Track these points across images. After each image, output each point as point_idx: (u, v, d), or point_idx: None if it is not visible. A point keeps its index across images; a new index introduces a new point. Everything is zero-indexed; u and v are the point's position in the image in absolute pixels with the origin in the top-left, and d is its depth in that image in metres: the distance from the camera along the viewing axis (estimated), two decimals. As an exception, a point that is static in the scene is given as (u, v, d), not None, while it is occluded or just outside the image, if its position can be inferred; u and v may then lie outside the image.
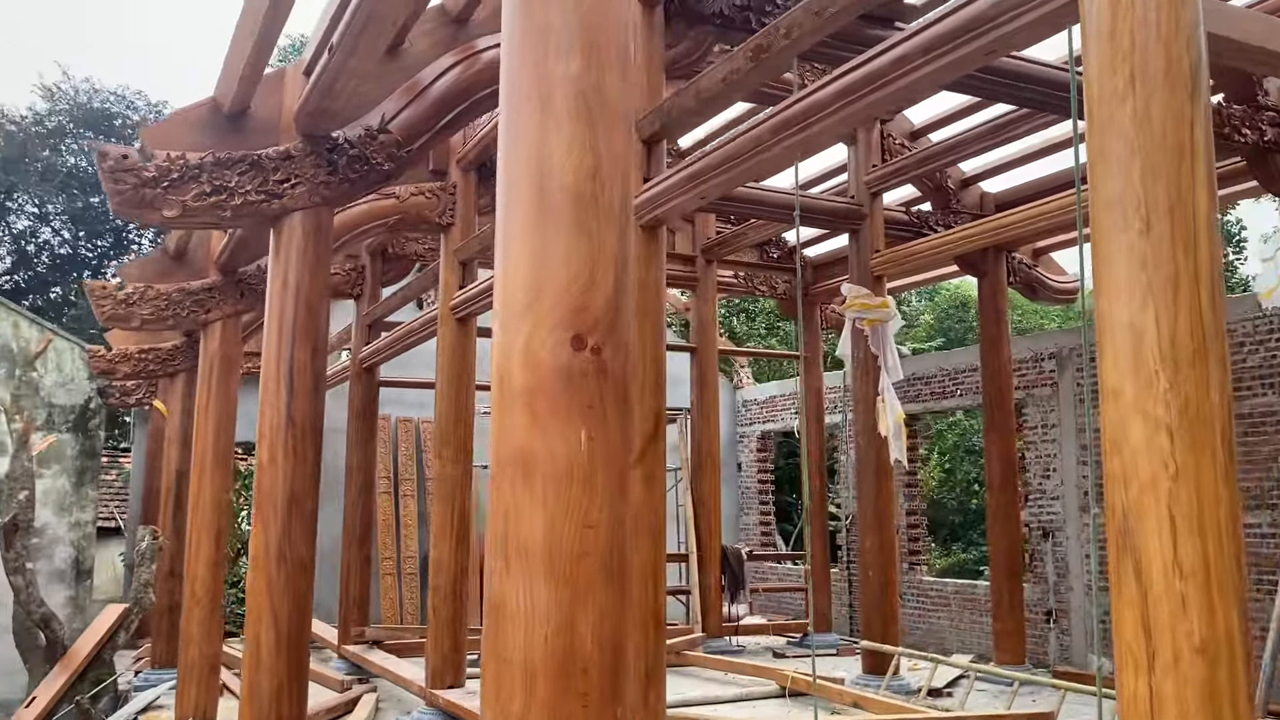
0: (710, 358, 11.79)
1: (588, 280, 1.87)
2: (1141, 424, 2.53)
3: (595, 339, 1.86)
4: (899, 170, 9.05)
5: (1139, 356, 2.55)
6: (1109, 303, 2.65)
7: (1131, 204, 2.60)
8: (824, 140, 3.99)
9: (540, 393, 1.84)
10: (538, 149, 1.91)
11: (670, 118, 4.96)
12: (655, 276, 5.17)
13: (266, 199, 4.43)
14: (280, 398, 4.36)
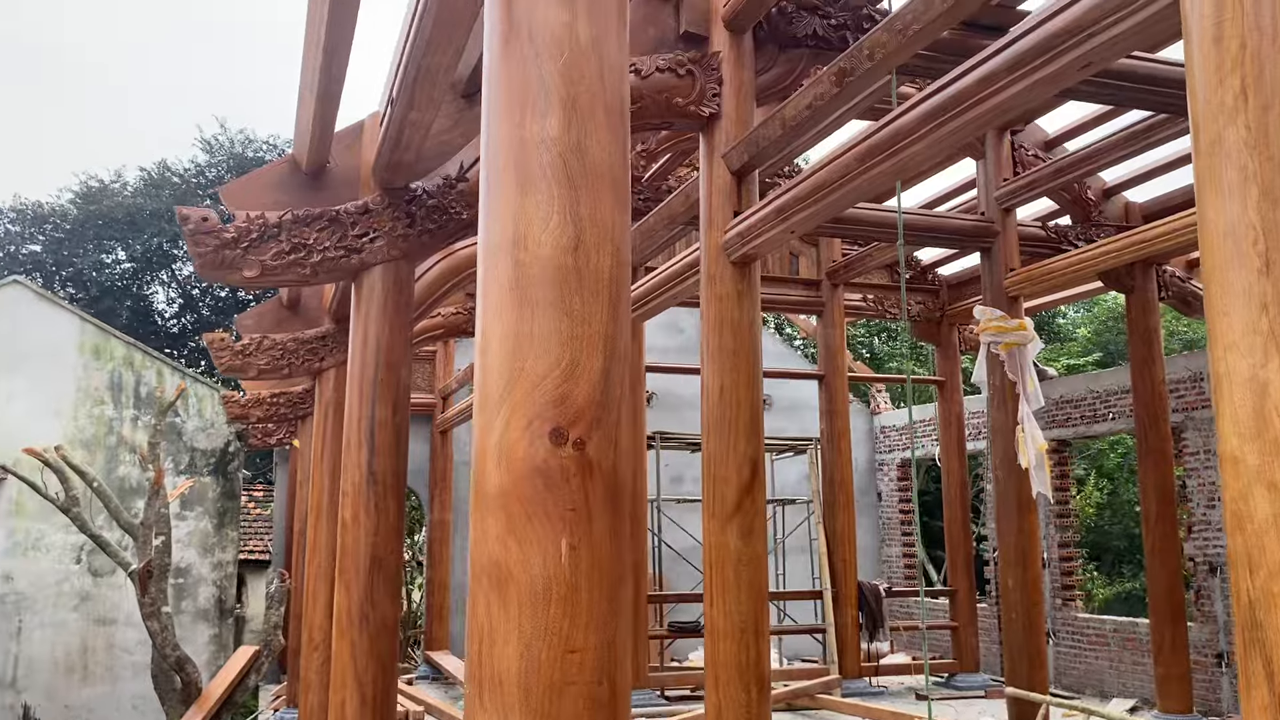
0: (839, 385, 11.37)
1: (569, 366, 1.65)
2: (1268, 497, 2.13)
3: (578, 432, 1.64)
4: (1032, 183, 8.52)
5: (1262, 417, 2.16)
6: (1224, 352, 2.26)
7: (1247, 238, 2.21)
8: (916, 165, 3.66)
9: (514, 495, 1.63)
10: (513, 219, 1.71)
11: (758, 148, 4.71)
12: (749, 315, 4.91)
13: (345, 254, 4.39)
14: (361, 455, 4.30)
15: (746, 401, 4.85)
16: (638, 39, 5.09)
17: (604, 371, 1.68)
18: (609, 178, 1.74)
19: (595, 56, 1.76)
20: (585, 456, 1.64)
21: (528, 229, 1.69)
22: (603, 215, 1.72)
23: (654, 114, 5.01)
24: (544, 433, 1.63)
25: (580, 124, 1.72)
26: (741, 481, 4.78)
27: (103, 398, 11.20)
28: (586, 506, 1.63)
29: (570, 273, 1.68)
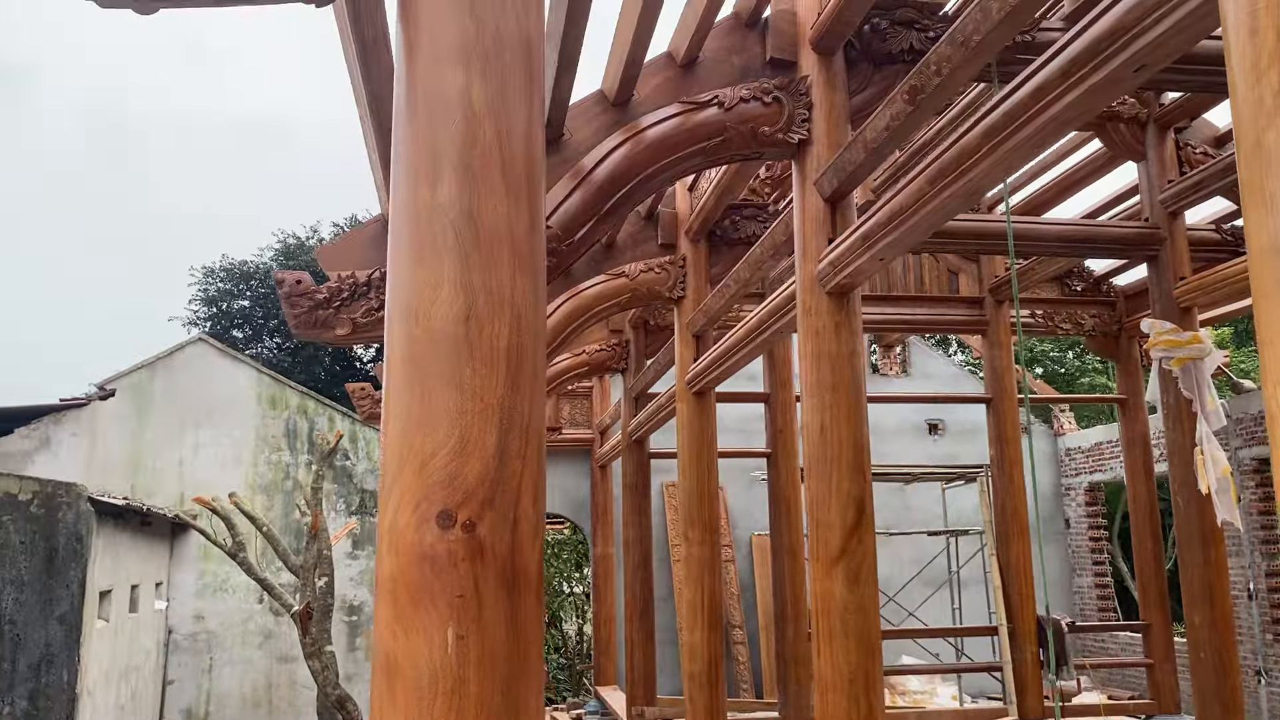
0: (1008, 408, 10.76)
1: (458, 443, 1.58)
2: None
3: (468, 513, 1.56)
4: (1199, 183, 7.83)
5: (1319, 461, 1.85)
6: (1274, 389, 1.96)
7: (1306, 249, 1.91)
8: (986, 183, 3.40)
9: (402, 582, 1.57)
10: (406, 290, 1.66)
11: (845, 173, 4.51)
12: (848, 346, 4.69)
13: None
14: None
15: (849, 439, 4.62)
16: (721, 71, 5.00)
17: (498, 448, 1.60)
18: (507, 243, 1.67)
19: (491, 119, 1.69)
20: (475, 539, 1.56)
21: (419, 300, 1.64)
22: (498, 282, 1.64)
23: (740, 145, 4.90)
24: (431, 515, 1.57)
25: (473, 189, 1.66)
26: (846, 524, 4.55)
27: (279, 445, 11.96)
28: (476, 593, 1.55)
29: (461, 344, 1.61)
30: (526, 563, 1.61)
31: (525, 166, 1.73)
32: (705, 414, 7.49)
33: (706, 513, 7.37)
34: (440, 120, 1.68)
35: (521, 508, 1.61)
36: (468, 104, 1.69)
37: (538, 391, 1.67)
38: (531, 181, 1.74)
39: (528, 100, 1.76)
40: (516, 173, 1.71)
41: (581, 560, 15.66)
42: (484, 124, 1.68)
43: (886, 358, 14.56)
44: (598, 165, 4.77)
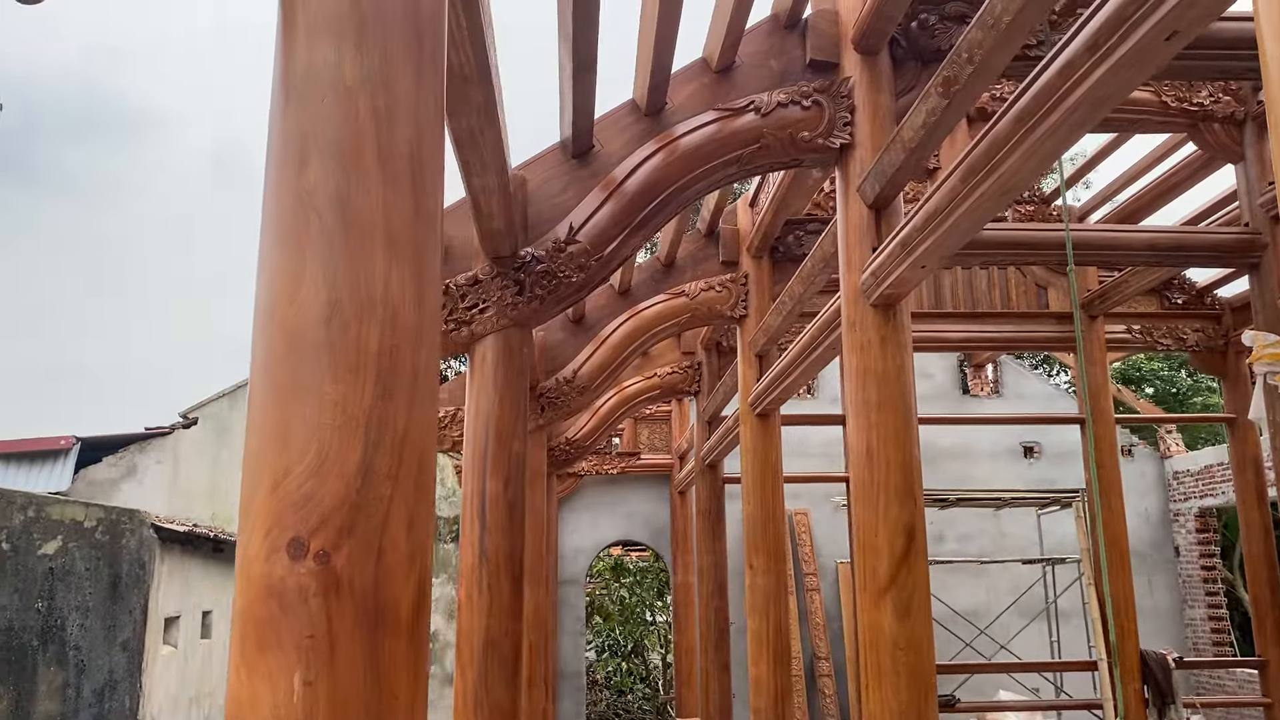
0: (1105, 429, 10.17)
1: (315, 461, 1.39)
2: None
3: (322, 542, 1.37)
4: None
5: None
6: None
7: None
8: (1020, 179, 3.09)
9: (250, 619, 1.38)
10: (266, 285, 1.48)
11: (885, 177, 4.23)
12: (896, 362, 4.39)
13: (457, 327, 4.34)
14: (474, 532, 4.18)
15: (897, 462, 4.31)
16: (759, 75, 4.77)
17: (362, 466, 1.40)
18: (381, 233, 1.48)
19: (366, 96, 1.51)
20: (330, 571, 1.37)
21: (277, 297, 1.46)
22: (370, 278, 1.45)
23: (778, 152, 4.66)
24: (282, 544, 1.38)
25: (343, 172, 1.48)
26: (895, 553, 4.24)
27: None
28: (329, 633, 1.35)
29: (321, 347, 1.42)
30: (395, 599, 1.40)
31: (410, 149, 1.54)
32: (769, 436, 7.21)
33: (772, 540, 7.07)
34: (310, 97, 1.51)
35: (390, 536, 1.41)
36: (339, 79, 1.51)
37: (420, 401, 1.47)
38: (417, 166, 1.55)
39: (415, 76, 1.57)
40: (397, 156, 1.52)
41: (663, 588, 15.39)
42: (357, 101, 1.50)
43: (977, 378, 13.99)
44: (629, 176, 4.58)
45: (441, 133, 1.63)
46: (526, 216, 4.51)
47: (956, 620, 11.93)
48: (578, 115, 4.31)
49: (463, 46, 2.70)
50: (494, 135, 3.29)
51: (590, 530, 13.56)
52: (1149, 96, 7.12)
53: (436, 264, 1.58)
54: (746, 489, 7.23)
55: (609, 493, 13.63)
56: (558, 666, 12.86)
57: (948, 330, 9.77)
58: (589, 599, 15.32)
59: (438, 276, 1.59)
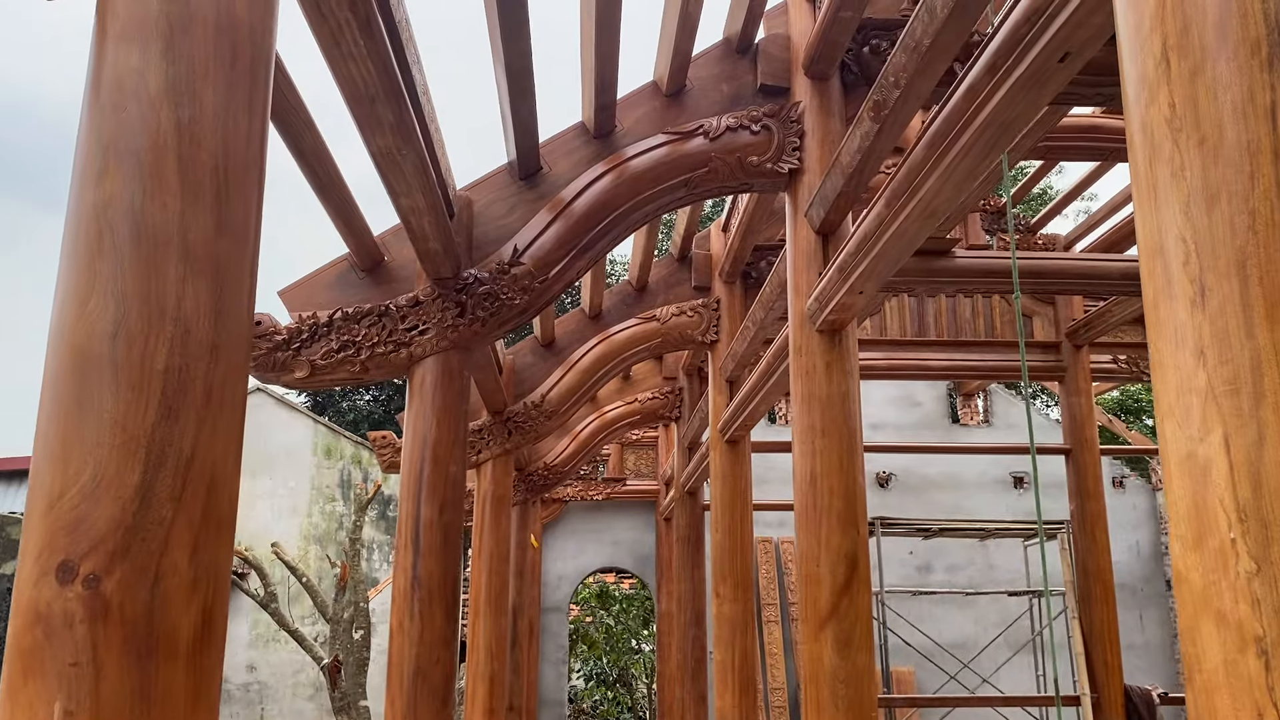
0: (1090, 460, 10.06)
1: (90, 481, 1.34)
2: (1216, 636, 1.43)
3: (92, 566, 1.32)
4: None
5: (1204, 514, 1.47)
6: (1162, 419, 1.59)
7: (1176, 256, 1.55)
8: (942, 204, 3.05)
9: (16, 648, 1.32)
10: (62, 299, 1.44)
11: (829, 202, 4.19)
12: (841, 388, 4.33)
13: (395, 348, 4.30)
14: (408, 558, 4.12)
15: (840, 489, 4.24)
16: (710, 99, 4.75)
17: (141, 488, 1.35)
18: (177, 248, 1.43)
19: (170, 107, 1.47)
20: (99, 596, 1.31)
21: (67, 311, 1.42)
22: (159, 293, 1.41)
23: (727, 176, 4.62)
24: (52, 567, 1.33)
25: (140, 185, 1.44)
26: (836, 582, 4.16)
27: (333, 494, 12.03)
28: (94, 661, 1.30)
29: (105, 364, 1.38)
30: (173, 626, 1.35)
31: (216, 162, 1.50)
32: (739, 462, 7.14)
33: (740, 568, 6.98)
34: (113, 106, 1.47)
35: (170, 560, 1.36)
36: (143, 88, 1.47)
37: (211, 423, 1.42)
38: (223, 180, 1.50)
39: (226, 89, 1.53)
40: (200, 168, 1.48)
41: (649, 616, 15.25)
42: (160, 111, 1.46)
43: (966, 407, 13.89)
44: (577, 197, 4.56)
45: (261, 148, 1.58)
46: (471, 237, 4.48)
47: (940, 653, 11.78)
48: (520, 136, 4.28)
49: (361, 65, 2.67)
50: (415, 155, 3.26)
51: (575, 557, 13.45)
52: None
53: (246, 281, 1.53)
54: (715, 516, 7.15)
55: (594, 519, 13.54)
56: (539, 695, 12.72)
57: (931, 358, 9.70)
58: (574, 626, 15.20)
59: (247, 294, 1.54)
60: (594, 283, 7.01)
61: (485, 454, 7.15)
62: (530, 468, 9.81)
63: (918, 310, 10.26)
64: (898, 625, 11.73)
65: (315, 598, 8.77)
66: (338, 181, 3.80)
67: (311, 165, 3.59)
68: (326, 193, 3.82)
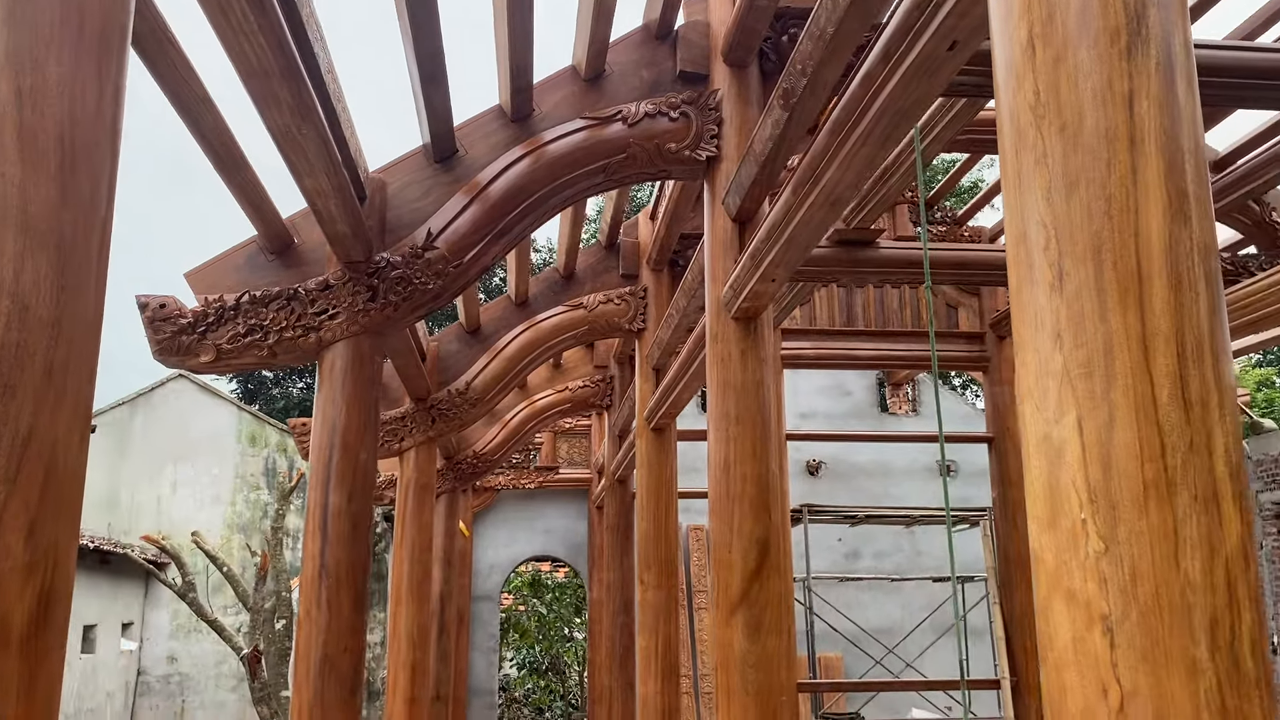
0: (1012, 448, 10.27)
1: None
2: (1067, 615, 1.46)
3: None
4: (1192, 209, 7.38)
5: (1057, 496, 1.50)
6: (1021, 401, 1.61)
7: (1038, 241, 1.57)
8: (845, 191, 3.07)
9: None
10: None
11: (744, 190, 4.20)
12: (755, 376, 4.35)
13: (304, 333, 4.23)
14: (315, 546, 4.06)
15: (754, 475, 4.26)
16: (630, 85, 4.73)
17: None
18: (15, 220, 1.38)
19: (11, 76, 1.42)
20: (-79, 579, 1.27)
21: (-103, 289, 1.36)
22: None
23: (645, 163, 4.61)
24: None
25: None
26: (748, 567, 4.18)
27: (258, 483, 11.83)
28: (-85, 646, 1.26)
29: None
30: (5, 612, 1.30)
31: (61, 132, 1.45)
32: (664, 450, 7.15)
33: (664, 555, 6.99)
34: (-51, 75, 1.41)
35: (2, 543, 1.31)
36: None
37: (53, 402, 1.38)
38: (69, 151, 1.45)
39: (74, 59, 1.48)
40: (43, 137, 1.43)
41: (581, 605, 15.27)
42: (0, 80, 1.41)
43: (896, 396, 14.09)
44: (493, 181, 4.51)
45: (115, 119, 1.53)
46: (385, 221, 4.41)
47: (866, 639, 11.95)
48: (433, 119, 4.23)
49: (253, 41, 2.61)
50: (316, 135, 3.20)
51: (506, 545, 13.40)
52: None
53: (94, 256, 1.48)
54: (640, 503, 7.16)
55: (527, 508, 13.49)
56: (469, 683, 12.66)
57: (858, 348, 9.81)
58: (507, 615, 15.16)
59: (95, 269, 1.49)
60: (519, 269, 6.97)
61: (408, 441, 7.07)
62: (459, 456, 9.74)
63: (846, 301, 10.37)
64: (825, 611, 11.88)
65: (237, 587, 8.61)
66: (241, 161, 3.71)
67: (212, 143, 3.51)
68: (230, 172, 3.73)
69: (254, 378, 24.75)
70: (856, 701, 11.37)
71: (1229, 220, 8.00)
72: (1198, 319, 1.46)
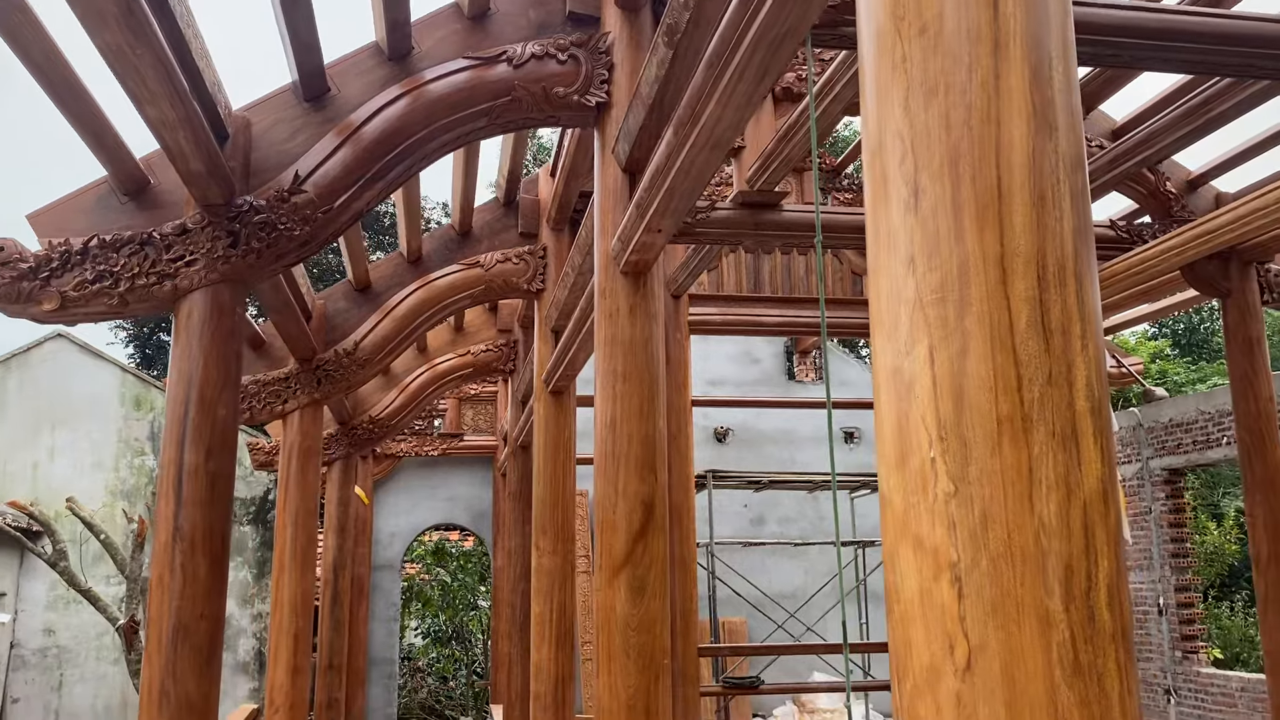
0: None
1: None
2: (914, 563, 1.34)
3: None
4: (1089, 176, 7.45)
5: (906, 432, 1.36)
6: (874, 331, 1.48)
7: (894, 154, 1.43)
8: (728, 130, 2.91)
9: None
10: None
11: (633, 137, 4.02)
12: (643, 333, 4.19)
13: (158, 280, 3.93)
14: (169, 508, 3.79)
15: (639, 434, 4.11)
16: (517, 25, 4.51)
17: None
18: None
19: None
20: None
21: None
22: None
23: (531, 108, 4.40)
24: None
25: None
26: (631, 529, 4.04)
27: (143, 448, 11.34)
28: None
29: None
30: None
31: None
32: (562, 414, 6.97)
33: (560, 520, 6.84)
34: None
35: None
36: None
37: None
38: None
39: None
40: None
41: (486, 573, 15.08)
42: None
43: (803, 363, 14.13)
44: (368, 121, 4.25)
45: None
46: (250, 162, 4.13)
47: (770, 603, 12.00)
48: (300, 53, 3.95)
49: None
50: (153, 57, 2.92)
51: (408, 513, 13.12)
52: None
53: None
54: (538, 468, 6.98)
55: (430, 475, 13.21)
56: (368, 653, 12.40)
57: (764, 314, 9.76)
58: (410, 584, 14.89)
59: None
60: (409, 224, 6.70)
61: (292, 404, 6.77)
62: (354, 421, 9.43)
63: (754, 267, 10.29)
64: (730, 577, 11.88)
65: (115, 555, 8.21)
66: (77, 88, 3.40)
67: (39, 66, 3.20)
68: (64, 101, 3.42)
69: (151, 342, 23.86)
70: (759, 666, 11.42)
71: (1124, 189, 8.10)
72: (1061, 239, 1.33)
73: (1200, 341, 21.50)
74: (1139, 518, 10.47)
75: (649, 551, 4.05)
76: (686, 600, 9.42)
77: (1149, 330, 22.53)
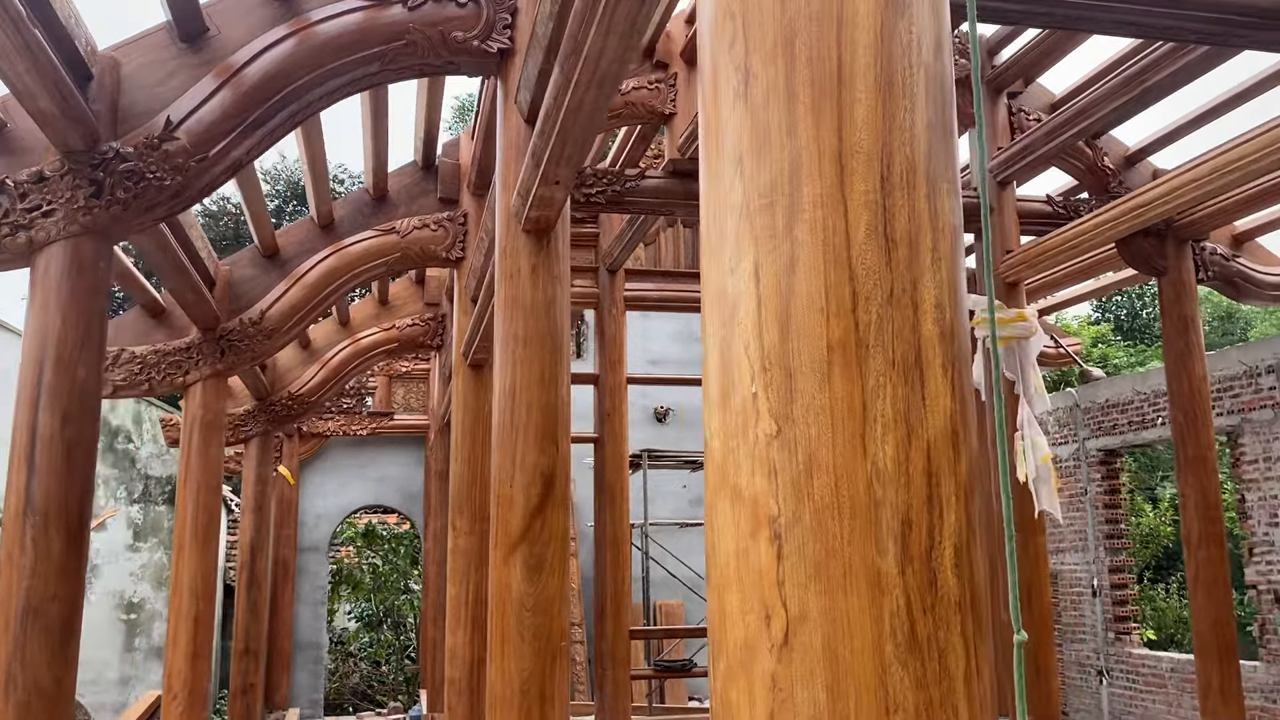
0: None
1: None
2: (731, 515, 1.12)
3: None
4: (1025, 149, 7.29)
5: (730, 363, 1.15)
6: (702, 251, 1.25)
7: (724, 36, 1.20)
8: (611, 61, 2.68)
9: None
10: None
11: (533, 83, 3.76)
12: (547, 294, 3.95)
13: (12, 231, 3.62)
14: (20, 477, 3.49)
15: (540, 403, 3.87)
16: (413, -33, 4.22)
17: None
18: None
19: None
20: None
21: None
22: None
23: (428, 52, 4.12)
24: None
25: None
26: (530, 503, 3.81)
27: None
28: None
29: None
30: None
31: None
32: (482, 388, 6.71)
33: (478, 499, 6.58)
34: None
35: None
36: None
37: None
38: None
39: None
40: None
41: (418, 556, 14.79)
42: None
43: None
44: (250, 63, 3.95)
45: None
46: (117, 106, 3.81)
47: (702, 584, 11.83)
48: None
49: None
50: (-27, -29, 2.61)
51: (336, 494, 12.77)
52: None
53: None
54: (455, 445, 6.73)
55: (359, 455, 12.87)
56: (294, 637, 12.07)
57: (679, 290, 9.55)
58: (339, 567, 14.54)
59: None
60: (317, 187, 6.38)
61: (194, 375, 6.44)
62: (273, 397, 9.08)
63: (693, 243, 10.05)
64: (666, 560, 11.70)
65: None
66: None
67: None
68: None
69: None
70: (694, 648, 11.26)
71: (1062, 164, 7.99)
72: (912, 134, 1.11)
73: (1142, 326, 21.72)
74: (1074, 499, 10.45)
75: (547, 527, 3.82)
76: (619, 582, 9.22)
77: (1091, 315, 22.71)
